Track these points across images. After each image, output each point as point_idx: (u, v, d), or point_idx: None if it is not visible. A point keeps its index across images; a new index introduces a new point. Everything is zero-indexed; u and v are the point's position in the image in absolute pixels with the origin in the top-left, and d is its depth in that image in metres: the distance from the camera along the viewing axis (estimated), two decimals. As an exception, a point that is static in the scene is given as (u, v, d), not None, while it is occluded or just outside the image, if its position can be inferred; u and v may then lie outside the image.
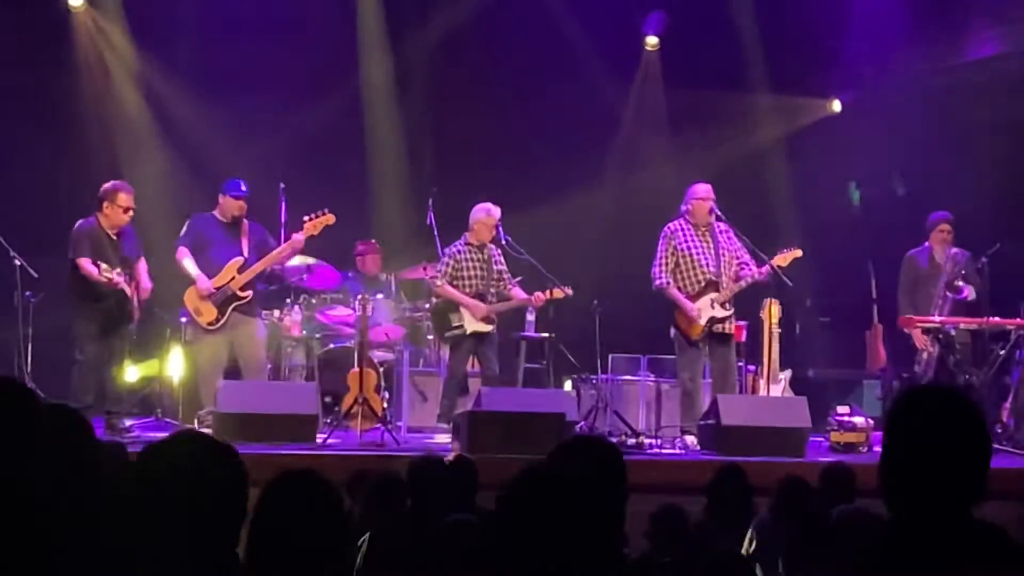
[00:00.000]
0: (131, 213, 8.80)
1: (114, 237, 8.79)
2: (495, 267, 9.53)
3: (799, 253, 9.19)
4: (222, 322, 9.03)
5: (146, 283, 8.86)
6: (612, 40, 12.28)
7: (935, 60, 12.16)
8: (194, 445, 2.57)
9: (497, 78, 12.06)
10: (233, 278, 9.03)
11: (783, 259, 9.15)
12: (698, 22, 12.38)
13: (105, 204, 8.76)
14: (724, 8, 12.28)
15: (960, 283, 9.70)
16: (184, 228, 9.26)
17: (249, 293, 9.10)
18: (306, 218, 9.16)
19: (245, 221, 9.25)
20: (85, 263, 8.59)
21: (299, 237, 9.15)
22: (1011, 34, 11.68)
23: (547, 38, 11.87)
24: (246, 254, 9.13)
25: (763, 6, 12.37)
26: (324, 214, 9.18)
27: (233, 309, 9.03)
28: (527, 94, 11.92)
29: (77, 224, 8.76)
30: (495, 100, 11.96)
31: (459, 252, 9.45)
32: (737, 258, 9.26)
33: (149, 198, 9.97)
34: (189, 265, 9.07)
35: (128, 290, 8.63)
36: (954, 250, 9.83)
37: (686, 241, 9.21)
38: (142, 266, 8.94)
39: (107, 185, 8.85)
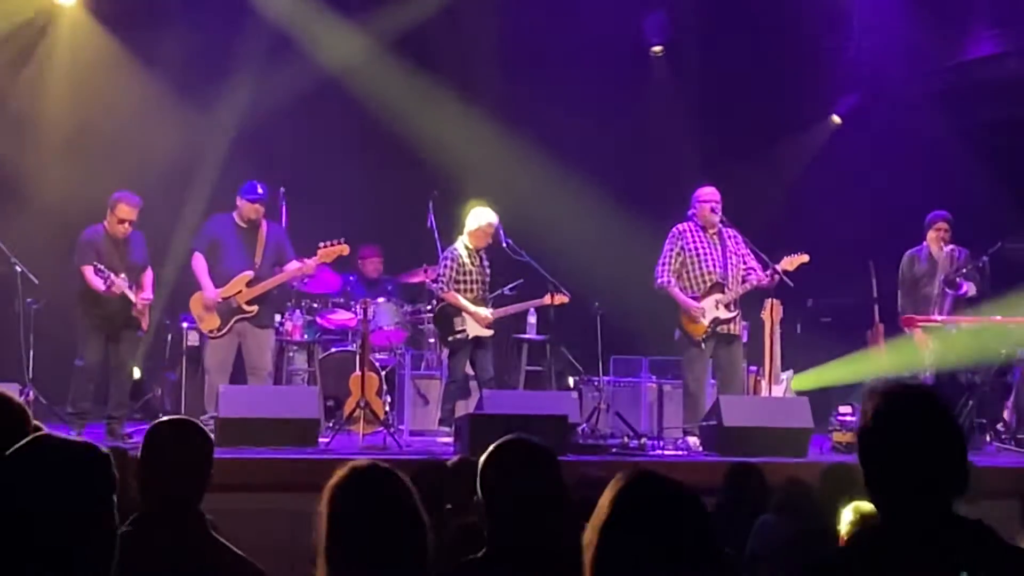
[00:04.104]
0: (127, 226, 8.69)
1: (121, 243, 8.76)
2: (487, 271, 9.53)
3: (806, 258, 9.16)
4: (224, 331, 8.99)
5: (147, 293, 8.79)
6: (615, 42, 12.28)
7: (936, 60, 12.15)
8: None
9: (498, 79, 12.06)
10: (240, 292, 8.97)
11: (790, 263, 9.14)
12: (702, 27, 12.39)
13: (109, 212, 8.73)
14: (727, 13, 12.30)
15: (959, 279, 9.69)
16: (200, 229, 9.20)
17: (255, 308, 9.00)
18: (321, 244, 9.09)
19: (264, 224, 9.16)
20: (87, 271, 8.59)
21: (311, 263, 9.09)
22: (1011, 34, 11.67)
23: (549, 40, 11.88)
24: (258, 262, 9.04)
25: (764, 10, 12.37)
26: (340, 243, 9.12)
27: (237, 321, 9.00)
28: (528, 95, 11.90)
29: (85, 230, 8.76)
30: (496, 101, 11.95)
31: (459, 256, 9.43)
32: (744, 263, 9.27)
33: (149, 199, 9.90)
34: (200, 271, 9.01)
35: (132, 296, 8.61)
36: (951, 246, 9.83)
37: (693, 242, 9.22)
38: (148, 276, 8.90)
39: (114, 194, 8.78)
